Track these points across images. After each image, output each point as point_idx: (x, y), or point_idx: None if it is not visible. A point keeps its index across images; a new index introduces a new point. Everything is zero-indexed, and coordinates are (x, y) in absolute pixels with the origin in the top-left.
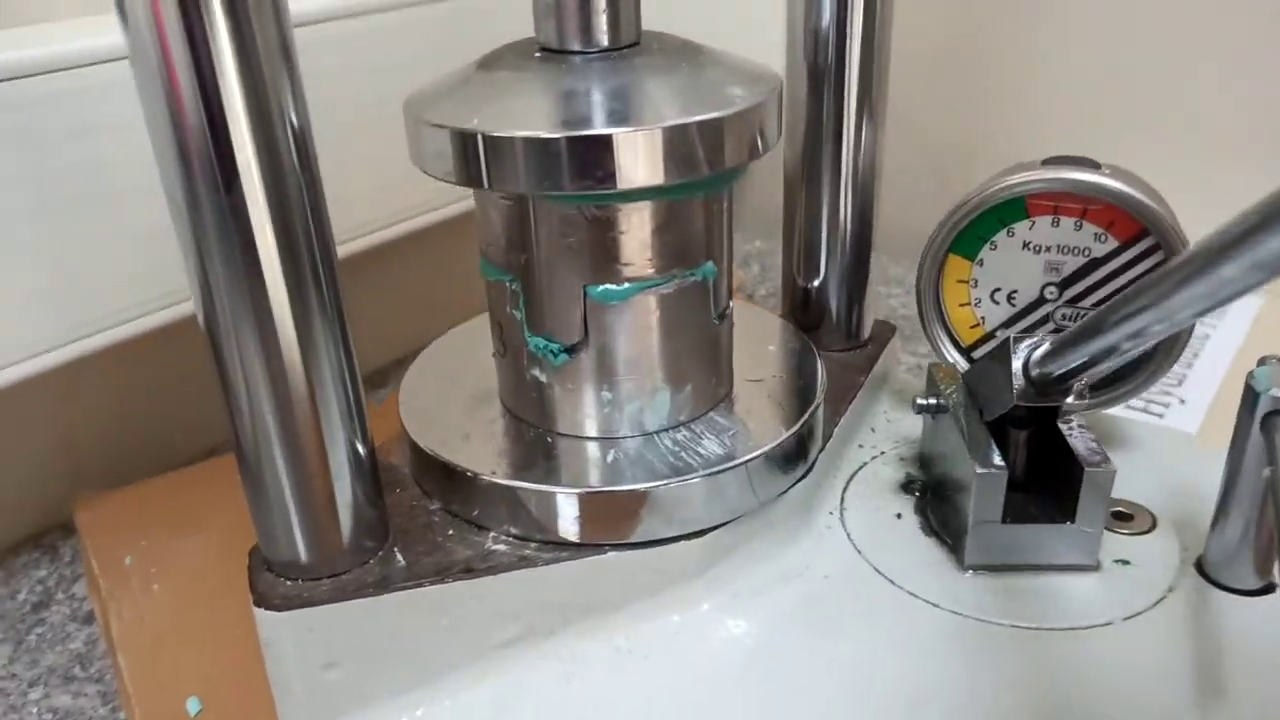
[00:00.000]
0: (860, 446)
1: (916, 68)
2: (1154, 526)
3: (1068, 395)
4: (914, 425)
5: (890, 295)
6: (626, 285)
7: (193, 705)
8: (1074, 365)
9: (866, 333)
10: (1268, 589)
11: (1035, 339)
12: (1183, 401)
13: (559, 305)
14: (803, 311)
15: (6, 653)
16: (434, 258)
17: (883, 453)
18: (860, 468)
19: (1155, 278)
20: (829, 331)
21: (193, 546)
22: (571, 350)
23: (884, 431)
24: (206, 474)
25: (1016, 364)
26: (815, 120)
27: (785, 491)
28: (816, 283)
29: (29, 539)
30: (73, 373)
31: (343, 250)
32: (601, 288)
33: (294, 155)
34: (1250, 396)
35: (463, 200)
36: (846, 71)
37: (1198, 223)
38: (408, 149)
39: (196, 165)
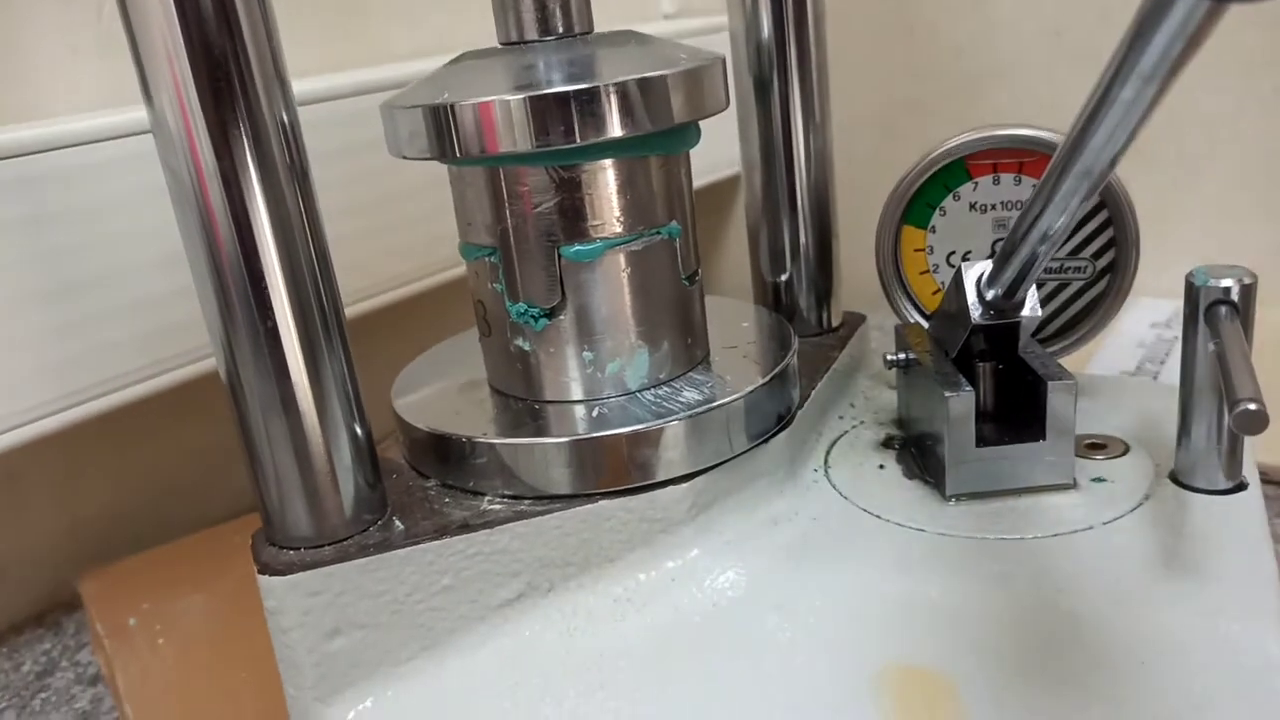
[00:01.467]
0: (841, 418)
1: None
2: (1126, 451)
3: (1019, 309)
4: (891, 399)
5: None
6: (597, 243)
7: None
8: (1013, 276)
9: (837, 321)
10: (1239, 488)
11: (982, 263)
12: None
13: (535, 270)
14: (774, 306)
15: (11, 718)
16: (424, 322)
17: (863, 422)
18: (841, 435)
19: (1050, 166)
20: (800, 323)
21: (194, 606)
22: (551, 314)
23: (863, 406)
24: (203, 543)
25: (969, 286)
26: (766, 127)
27: (766, 439)
28: (784, 278)
29: (31, 618)
30: (74, 455)
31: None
32: (574, 248)
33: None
34: (1191, 293)
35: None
36: (789, 78)
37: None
38: (385, 145)
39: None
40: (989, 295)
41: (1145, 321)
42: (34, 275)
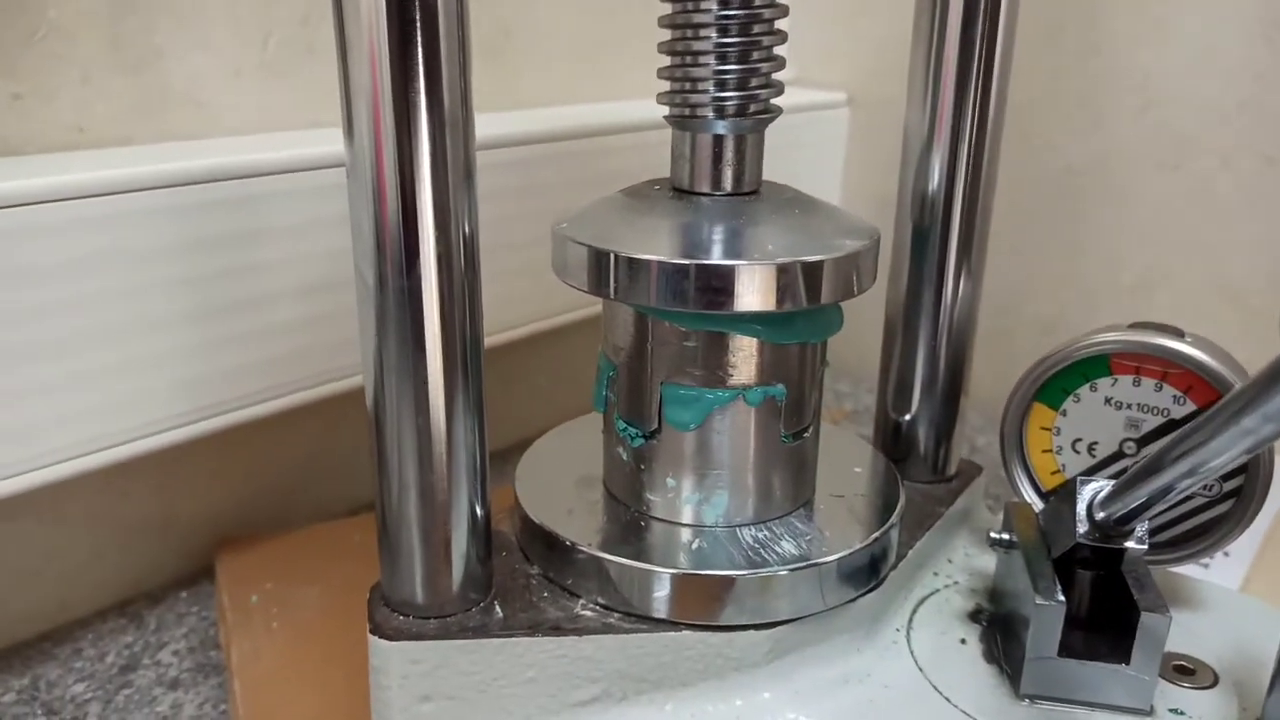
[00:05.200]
0: (935, 574)
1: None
2: (1215, 683)
3: (1128, 537)
4: (990, 562)
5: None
6: (694, 390)
7: None
8: (1133, 505)
9: (952, 469)
10: None
11: (1100, 482)
12: (1226, 554)
13: (639, 395)
14: (893, 444)
15: (96, 710)
16: (553, 356)
17: (956, 583)
18: (932, 593)
19: (1200, 421)
20: (916, 464)
21: (311, 595)
22: (648, 437)
23: (960, 564)
24: (326, 534)
25: (1081, 504)
26: (917, 270)
27: (854, 600)
28: (908, 417)
29: (115, 606)
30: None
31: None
32: (676, 390)
33: (462, 255)
34: None
35: (583, 308)
36: (950, 230)
37: None
38: (551, 261)
39: (389, 253)
40: (1099, 515)
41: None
42: (186, 296)
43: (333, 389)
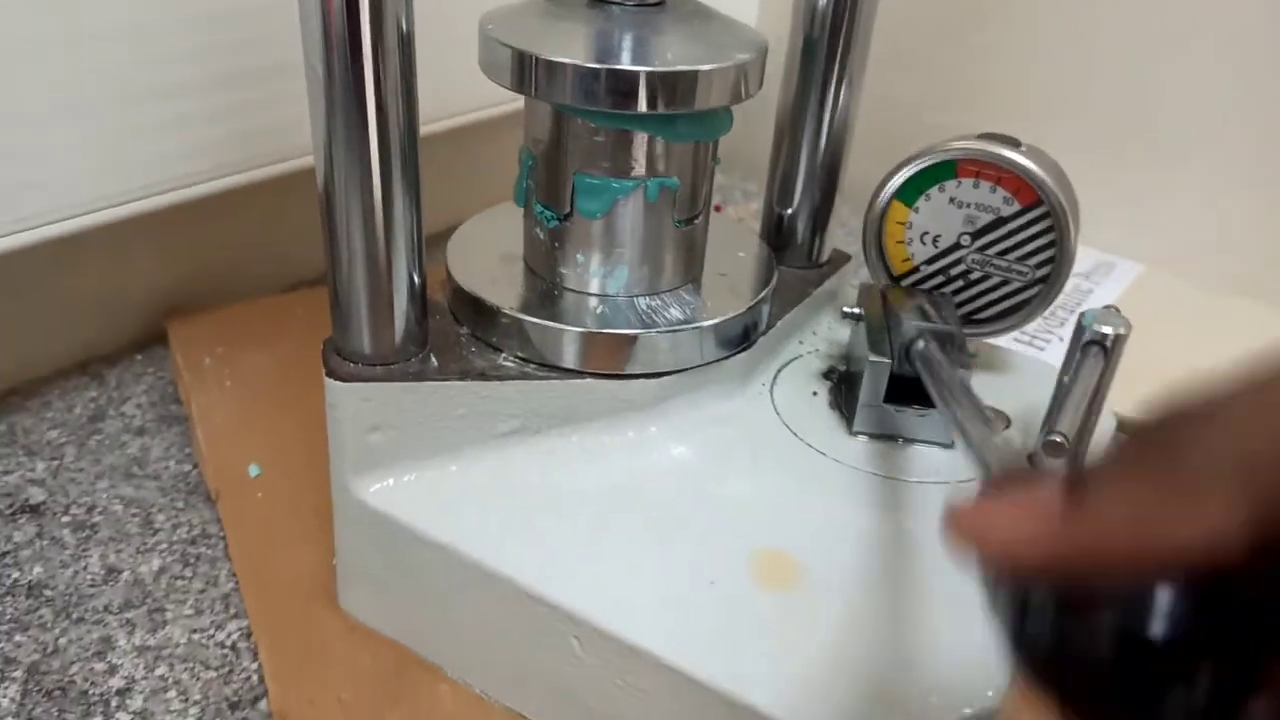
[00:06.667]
0: (800, 343)
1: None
2: (1008, 426)
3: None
4: (847, 336)
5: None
6: (602, 180)
7: (253, 470)
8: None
9: (825, 257)
10: None
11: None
12: (1061, 339)
13: (555, 183)
14: (775, 234)
15: (72, 453)
16: (481, 151)
17: (817, 350)
18: (796, 358)
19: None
20: (794, 251)
21: (261, 359)
22: (561, 219)
23: (823, 335)
24: (271, 308)
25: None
26: (805, 79)
27: (727, 357)
28: (789, 211)
29: (75, 367)
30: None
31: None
32: (586, 180)
33: (399, 52)
34: (1079, 331)
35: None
36: (838, 44)
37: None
38: (478, 59)
39: (335, 46)
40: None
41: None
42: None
43: (266, 173)
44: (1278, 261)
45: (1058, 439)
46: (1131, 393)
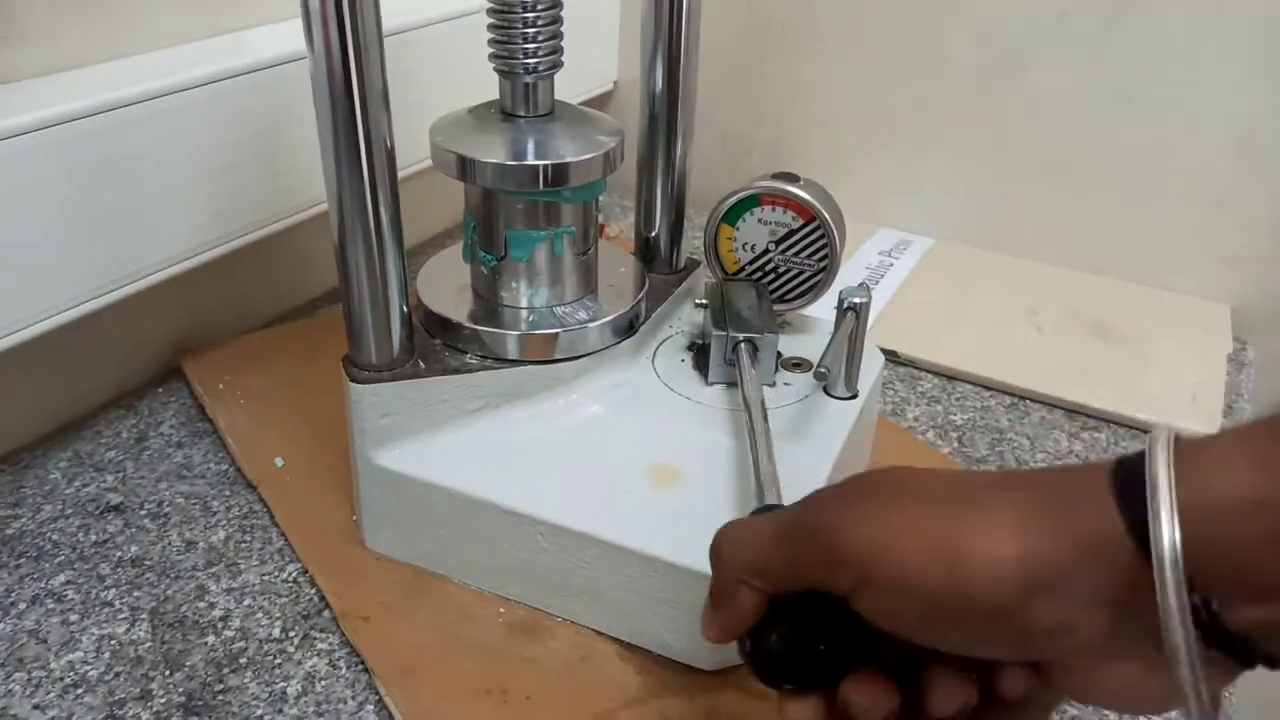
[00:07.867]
0: (670, 327)
1: (722, 83)
2: (812, 370)
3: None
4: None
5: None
6: (525, 232)
7: (278, 462)
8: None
9: (682, 264)
10: (853, 396)
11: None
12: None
13: (491, 237)
14: (645, 251)
15: (131, 467)
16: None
17: (683, 331)
18: (669, 337)
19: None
20: (659, 262)
21: (262, 381)
22: (498, 260)
23: (686, 320)
24: (251, 344)
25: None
26: (651, 141)
27: (620, 342)
28: (653, 233)
29: (111, 401)
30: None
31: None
32: (516, 232)
33: (386, 129)
34: (840, 302)
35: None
36: (675, 117)
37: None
38: (431, 158)
39: (336, 96)
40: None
41: (876, 249)
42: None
43: (255, 236)
44: (1019, 225)
45: (824, 370)
46: (908, 334)
